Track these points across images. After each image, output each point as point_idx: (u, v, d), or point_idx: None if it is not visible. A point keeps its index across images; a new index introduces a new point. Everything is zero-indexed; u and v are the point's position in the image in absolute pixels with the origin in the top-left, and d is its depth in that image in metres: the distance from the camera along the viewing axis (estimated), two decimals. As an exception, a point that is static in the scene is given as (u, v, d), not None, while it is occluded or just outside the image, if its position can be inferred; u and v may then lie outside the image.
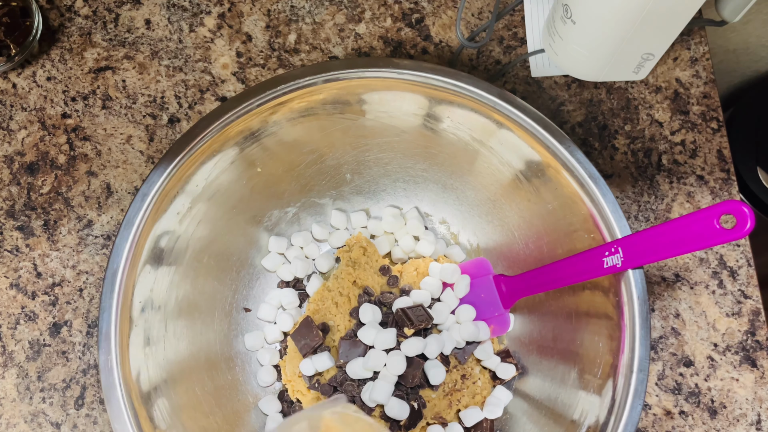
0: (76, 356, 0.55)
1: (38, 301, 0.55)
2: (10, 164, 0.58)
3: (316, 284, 0.55)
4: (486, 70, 0.60)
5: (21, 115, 0.59)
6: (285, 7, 0.61)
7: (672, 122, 0.59)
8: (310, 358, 0.51)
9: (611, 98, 0.59)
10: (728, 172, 0.58)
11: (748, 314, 0.56)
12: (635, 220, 0.57)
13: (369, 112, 0.49)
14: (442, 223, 0.57)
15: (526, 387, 0.52)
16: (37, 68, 0.60)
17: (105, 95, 0.59)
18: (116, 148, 0.58)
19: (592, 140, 0.59)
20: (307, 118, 0.48)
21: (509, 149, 0.47)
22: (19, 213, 0.57)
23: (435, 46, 0.60)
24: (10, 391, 0.54)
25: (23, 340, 0.55)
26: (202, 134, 0.45)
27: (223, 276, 0.53)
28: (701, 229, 0.37)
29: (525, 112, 0.45)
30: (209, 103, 0.59)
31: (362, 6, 0.61)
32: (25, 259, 0.56)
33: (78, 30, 0.60)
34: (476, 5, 0.61)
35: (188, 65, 0.60)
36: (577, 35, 0.50)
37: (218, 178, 0.48)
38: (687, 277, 0.56)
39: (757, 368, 0.55)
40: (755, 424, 0.54)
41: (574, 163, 0.44)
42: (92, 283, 0.56)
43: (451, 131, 0.49)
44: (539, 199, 0.49)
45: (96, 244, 0.56)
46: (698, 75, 0.60)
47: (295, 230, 0.56)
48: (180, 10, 0.61)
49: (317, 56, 0.60)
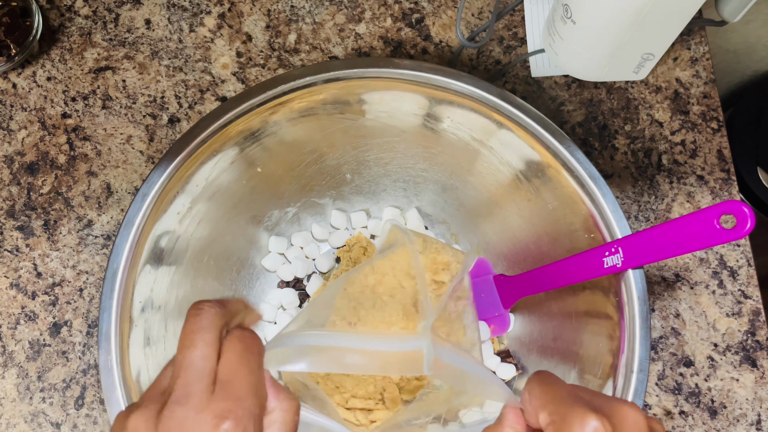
0: (76, 356, 0.55)
1: (38, 301, 0.55)
2: (10, 164, 0.58)
3: (317, 284, 0.55)
4: (486, 70, 0.60)
5: (21, 115, 0.59)
6: (285, 7, 0.61)
7: (672, 122, 0.59)
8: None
9: (611, 98, 0.59)
10: (728, 172, 0.58)
11: (748, 314, 0.55)
12: (635, 220, 0.57)
13: (369, 112, 0.49)
14: (442, 223, 0.57)
15: (526, 387, 0.52)
16: (37, 68, 0.60)
17: (105, 95, 0.59)
18: (116, 148, 0.58)
19: (592, 140, 0.59)
20: (307, 118, 0.48)
21: (509, 149, 0.47)
22: (19, 213, 0.57)
23: (435, 46, 0.60)
24: (10, 391, 0.54)
25: (23, 340, 0.55)
26: (202, 134, 0.45)
27: (223, 276, 0.53)
28: (701, 229, 0.37)
29: (525, 112, 0.45)
30: (209, 103, 0.59)
31: (362, 6, 0.61)
32: (25, 259, 0.56)
33: (78, 30, 0.60)
34: (476, 5, 0.61)
35: (188, 65, 0.60)
36: (577, 35, 0.50)
37: (218, 178, 0.48)
38: (687, 277, 0.56)
39: (757, 368, 0.55)
40: (755, 425, 0.54)
41: (574, 163, 0.44)
42: (92, 283, 0.56)
43: (451, 131, 0.49)
44: (539, 199, 0.49)
45: (96, 244, 0.56)
46: (698, 75, 0.60)
47: (295, 230, 0.56)
48: (180, 10, 0.61)
49: (317, 56, 0.60)
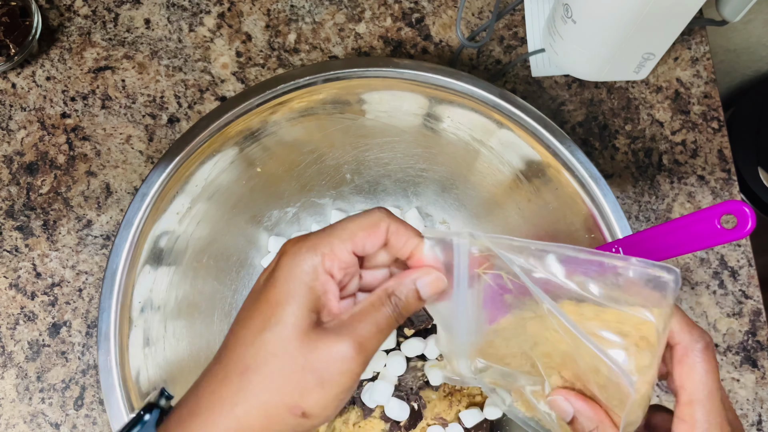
0: (76, 356, 0.54)
1: (37, 302, 0.55)
2: (9, 164, 0.58)
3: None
4: (486, 70, 0.60)
5: (20, 115, 0.59)
6: (285, 7, 0.61)
7: (673, 122, 0.59)
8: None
9: (612, 98, 0.59)
10: (729, 172, 0.58)
11: (748, 314, 0.55)
12: (636, 220, 0.57)
13: (369, 111, 0.49)
14: (442, 223, 0.57)
15: (527, 387, 0.52)
16: (37, 68, 0.59)
17: (104, 95, 0.59)
18: (116, 148, 0.58)
19: (593, 140, 0.59)
20: (307, 117, 0.48)
21: (510, 149, 0.47)
22: (18, 213, 0.57)
23: (435, 45, 0.60)
24: (9, 392, 0.54)
25: (22, 341, 0.55)
26: (201, 134, 0.45)
27: (223, 276, 0.53)
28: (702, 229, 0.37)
29: (525, 112, 0.45)
30: (209, 102, 0.59)
31: (362, 5, 0.61)
32: (25, 260, 0.56)
33: (77, 30, 0.60)
34: (476, 5, 0.61)
35: (188, 65, 0.60)
36: (577, 35, 0.50)
37: (218, 178, 0.48)
38: (688, 278, 0.56)
39: (758, 369, 0.55)
40: (756, 425, 0.54)
41: (575, 163, 0.44)
42: (92, 284, 0.56)
43: (452, 131, 0.49)
44: (540, 199, 0.48)
45: (95, 244, 0.56)
46: (699, 75, 0.60)
47: (295, 230, 0.56)
48: (179, 9, 0.61)
49: (317, 56, 0.60)
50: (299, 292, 0.29)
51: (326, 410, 0.29)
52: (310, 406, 0.28)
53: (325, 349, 0.28)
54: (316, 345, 0.28)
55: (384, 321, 0.30)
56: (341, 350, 0.28)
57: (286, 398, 0.28)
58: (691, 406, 0.29)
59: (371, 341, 0.29)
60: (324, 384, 0.28)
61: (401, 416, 0.49)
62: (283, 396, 0.28)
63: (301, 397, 0.28)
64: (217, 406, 0.28)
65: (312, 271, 0.29)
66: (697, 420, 0.29)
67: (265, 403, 0.28)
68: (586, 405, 0.31)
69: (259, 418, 0.28)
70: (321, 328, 0.29)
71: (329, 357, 0.28)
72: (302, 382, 0.28)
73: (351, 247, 0.30)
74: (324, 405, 0.28)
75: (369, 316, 0.29)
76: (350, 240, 0.30)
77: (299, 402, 0.28)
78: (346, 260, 0.30)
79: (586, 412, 0.30)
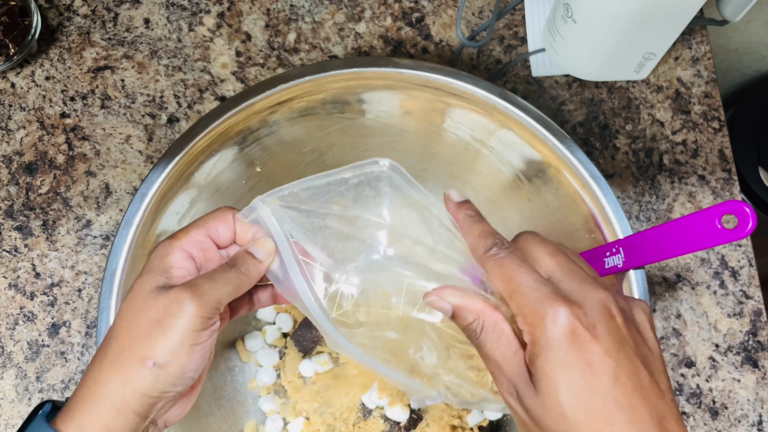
0: (75, 357, 0.54)
1: (37, 302, 0.55)
2: (8, 164, 0.57)
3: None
4: (486, 70, 0.60)
5: (20, 115, 0.58)
6: (284, 6, 0.61)
7: (673, 122, 0.59)
8: (309, 359, 0.51)
9: (612, 98, 0.59)
10: (730, 171, 0.58)
11: (749, 315, 0.55)
12: (636, 220, 0.57)
13: (369, 111, 0.49)
14: (442, 223, 0.57)
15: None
16: (36, 68, 0.59)
17: (104, 95, 0.59)
18: (115, 147, 0.58)
19: (593, 140, 0.59)
20: (307, 117, 0.48)
21: (510, 149, 0.47)
22: (17, 213, 0.57)
23: (435, 45, 0.60)
24: (8, 392, 0.54)
25: (22, 341, 0.55)
26: (201, 134, 0.45)
27: (223, 276, 0.53)
28: (703, 229, 0.37)
29: (526, 112, 0.45)
30: (208, 102, 0.59)
31: (362, 5, 0.61)
32: (24, 260, 0.56)
33: (77, 29, 0.60)
34: (477, 4, 0.61)
35: (187, 64, 0.59)
36: (578, 34, 0.50)
37: (218, 177, 0.48)
38: (688, 278, 0.56)
39: (758, 369, 0.54)
40: (757, 425, 0.54)
41: (575, 163, 0.44)
42: (91, 284, 0.56)
43: (452, 131, 0.49)
44: (540, 199, 0.48)
45: (95, 244, 0.56)
46: (699, 74, 0.60)
47: (295, 230, 0.56)
48: (179, 9, 0.61)
49: (317, 55, 0.60)
50: (151, 266, 0.33)
51: (177, 356, 0.31)
52: (156, 354, 0.31)
53: (163, 298, 0.32)
54: (156, 298, 0.32)
55: (221, 276, 0.33)
56: (175, 295, 0.31)
57: (137, 352, 0.31)
58: (512, 302, 0.31)
59: (206, 288, 0.32)
60: (164, 328, 0.31)
61: (401, 417, 0.49)
62: (134, 351, 0.31)
63: (149, 347, 0.31)
64: (95, 388, 0.31)
65: (165, 249, 0.34)
66: (518, 311, 0.30)
67: (122, 363, 0.31)
68: (460, 295, 0.32)
69: (120, 384, 0.31)
70: (167, 287, 0.32)
71: (165, 303, 0.31)
72: (147, 333, 0.31)
73: (205, 231, 0.35)
74: (170, 350, 0.31)
75: (208, 273, 0.33)
76: (204, 226, 0.35)
77: (147, 353, 0.31)
78: (201, 241, 0.35)
79: (464, 302, 0.32)
